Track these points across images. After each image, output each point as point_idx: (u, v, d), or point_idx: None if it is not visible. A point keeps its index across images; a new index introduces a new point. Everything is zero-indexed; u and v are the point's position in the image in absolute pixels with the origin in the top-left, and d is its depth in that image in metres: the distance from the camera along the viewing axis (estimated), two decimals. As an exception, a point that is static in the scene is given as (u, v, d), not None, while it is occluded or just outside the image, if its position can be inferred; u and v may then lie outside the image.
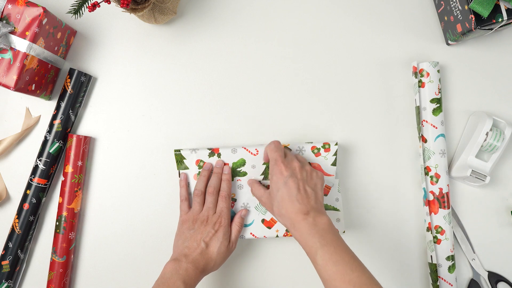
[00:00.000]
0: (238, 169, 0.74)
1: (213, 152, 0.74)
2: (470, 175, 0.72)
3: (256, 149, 0.74)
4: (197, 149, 0.75)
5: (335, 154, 0.74)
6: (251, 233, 0.74)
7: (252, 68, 0.79)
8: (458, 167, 0.76)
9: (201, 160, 0.74)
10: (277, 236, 0.74)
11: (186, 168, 0.75)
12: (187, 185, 0.75)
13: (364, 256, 0.77)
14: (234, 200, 0.75)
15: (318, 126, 0.78)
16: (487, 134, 0.73)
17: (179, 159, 0.75)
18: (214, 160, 0.74)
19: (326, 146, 0.74)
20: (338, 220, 0.74)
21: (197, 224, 0.70)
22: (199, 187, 0.73)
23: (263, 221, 0.74)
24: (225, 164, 0.74)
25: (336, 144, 0.74)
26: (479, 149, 0.74)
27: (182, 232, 0.70)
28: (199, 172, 0.74)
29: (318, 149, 0.74)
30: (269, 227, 0.74)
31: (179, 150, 0.75)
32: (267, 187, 0.73)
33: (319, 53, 0.79)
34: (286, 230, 0.74)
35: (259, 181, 0.74)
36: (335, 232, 0.61)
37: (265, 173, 0.74)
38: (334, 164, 0.74)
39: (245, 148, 0.74)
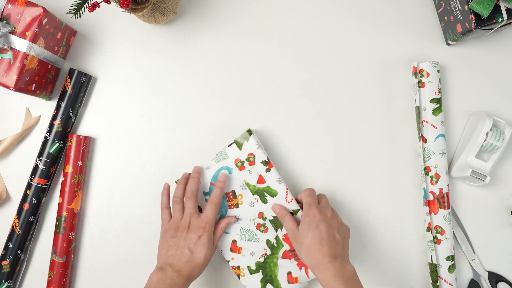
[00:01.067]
0: (265, 195, 0.74)
1: (268, 166, 0.74)
2: (470, 175, 0.72)
3: (291, 198, 0.73)
4: (261, 147, 0.74)
5: None
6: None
7: (252, 68, 0.79)
8: (458, 167, 0.76)
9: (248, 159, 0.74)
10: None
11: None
12: (168, 194, 0.74)
13: (364, 256, 0.77)
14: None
15: (317, 126, 0.78)
16: (487, 134, 0.73)
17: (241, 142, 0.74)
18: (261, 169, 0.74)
19: None
20: None
21: (179, 232, 0.69)
22: (178, 194, 0.72)
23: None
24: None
25: None
26: (479, 149, 0.74)
27: (165, 241, 0.69)
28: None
29: None
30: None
31: (250, 132, 0.74)
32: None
33: (319, 53, 0.79)
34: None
35: (291, 213, 0.73)
36: (359, 282, 0.62)
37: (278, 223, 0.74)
38: None
39: (286, 189, 0.73)
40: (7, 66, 0.67)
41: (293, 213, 0.73)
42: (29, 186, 0.75)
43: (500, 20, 0.67)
